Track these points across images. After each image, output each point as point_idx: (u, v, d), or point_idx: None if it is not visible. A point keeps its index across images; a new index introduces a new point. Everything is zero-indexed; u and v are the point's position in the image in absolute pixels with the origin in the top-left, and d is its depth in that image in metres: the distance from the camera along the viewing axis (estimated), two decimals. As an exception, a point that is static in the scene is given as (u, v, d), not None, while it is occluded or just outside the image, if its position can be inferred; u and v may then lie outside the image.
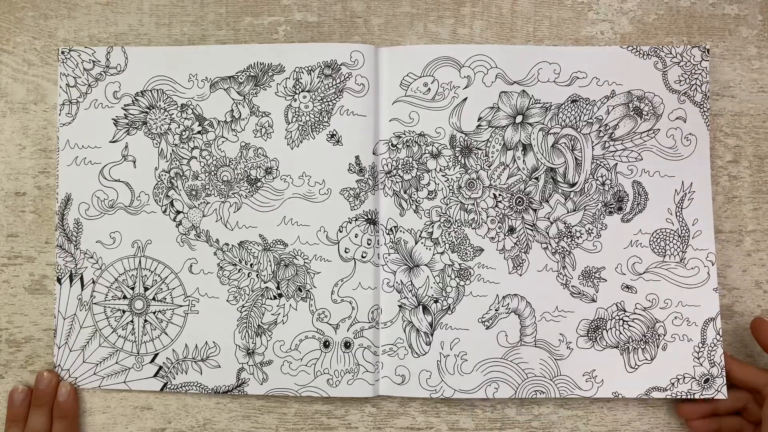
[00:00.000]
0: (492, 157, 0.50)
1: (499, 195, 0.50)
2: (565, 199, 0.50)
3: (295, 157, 0.50)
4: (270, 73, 0.50)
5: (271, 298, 0.50)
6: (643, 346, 0.50)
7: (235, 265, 0.50)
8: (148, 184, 0.50)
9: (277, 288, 0.50)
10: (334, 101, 0.50)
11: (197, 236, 0.50)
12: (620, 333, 0.50)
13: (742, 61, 0.52)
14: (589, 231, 0.50)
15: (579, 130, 0.50)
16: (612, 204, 0.50)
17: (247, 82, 0.50)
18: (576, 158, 0.50)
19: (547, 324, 0.50)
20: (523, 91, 0.50)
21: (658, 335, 0.50)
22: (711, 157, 0.51)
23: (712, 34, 0.52)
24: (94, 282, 0.50)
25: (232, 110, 0.50)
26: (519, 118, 0.50)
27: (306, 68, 0.50)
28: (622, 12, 0.52)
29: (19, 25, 0.52)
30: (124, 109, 0.51)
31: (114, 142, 0.51)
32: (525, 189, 0.50)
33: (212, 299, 0.50)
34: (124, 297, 0.50)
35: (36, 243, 0.51)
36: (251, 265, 0.50)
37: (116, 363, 0.50)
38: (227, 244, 0.50)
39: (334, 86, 0.50)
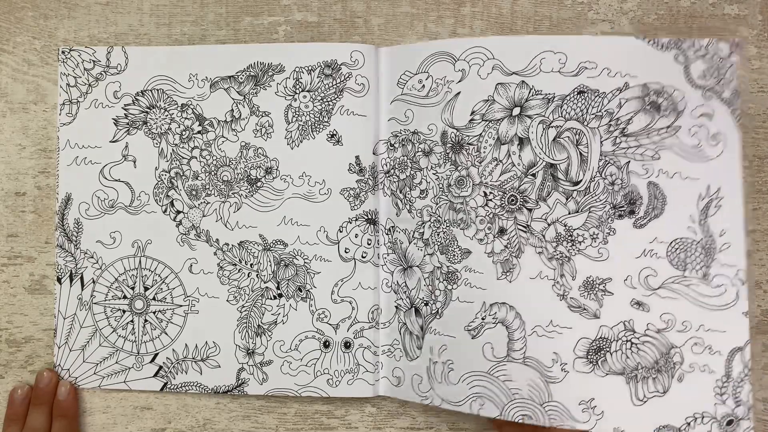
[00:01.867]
0: (484, 152, 0.46)
1: (490, 193, 0.46)
2: (567, 199, 0.45)
3: (295, 157, 0.50)
4: (270, 73, 0.50)
5: (271, 298, 0.50)
6: (654, 375, 0.44)
7: (235, 265, 0.50)
8: (148, 184, 0.50)
9: (277, 288, 0.50)
10: (334, 101, 0.50)
11: (197, 236, 0.50)
12: (627, 358, 0.44)
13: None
14: (594, 236, 0.45)
15: (586, 123, 0.45)
16: (623, 206, 0.45)
17: (247, 81, 0.50)
18: (581, 154, 0.45)
19: (539, 339, 0.44)
20: (523, 81, 0.46)
21: (674, 363, 0.44)
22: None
23: (712, 34, 0.52)
24: (94, 282, 0.50)
25: (232, 110, 0.50)
26: (516, 111, 0.46)
27: (306, 68, 0.50)
28: (622, 12, 0.52)
29: (19, 25, 0.52)
30: (125, 109, 0.51)
31: (114, 141, 0.51)
32: (519, 186, 0.46)
33: (212, 299, 0.50)
34: (124, 297, 0.50)
35: (36, 243, 0.51)
36: (251, 265, 0.50)
37: (116, 363, 0.50)
38: (227, 244, 0.50)
39: (334, 86, 0.50)
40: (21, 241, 0.51)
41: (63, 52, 0.51)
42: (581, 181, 0.45)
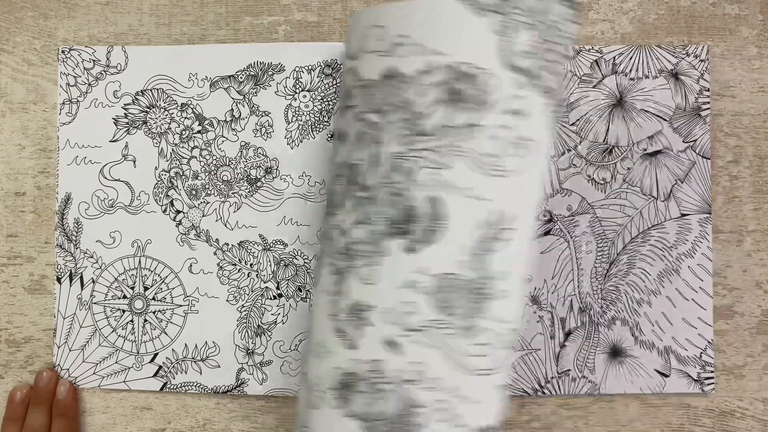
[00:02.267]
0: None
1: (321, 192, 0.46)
2: (354, 206, 0.37)
3: (295, 157, 0.50)
4: (270, 73, 0.50)
5: (270, 298, 0.50)
6: None
7: (235, 265, 0.50)
8: (148, 184, 0.50)
9: (277, 288, 0.50)
10: (334, 101, 0.50)
11: (197, 236, 0.50)
12: (370, 404, 0.34)
13: (742, 61, 0.52)
14: (368, 254, 0.35)
15: (385, 116, 0.36)
16: (399, 223, 0.35)
17: (247, 81, 0.50)
18: (376, 154, 0.36)
19: (311, 359, 0.39)
20: (350, 69, 0.39)
21: (411, 425, 0.33)
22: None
23: (712, 34, 0.52)
24: (94, 282, 0.50)
25: (232, 110, 0.50)
26: (347, 101, 0.39)
27: (306, 68, 0.50)
28: (622, 12, 0.52)
29: (18, 25, 0.52)
30: (125, 109, 0.51)
31: (114, 141, 0.51)
32: (333, 188, 0.40)
33: (212, 299, 0.50)
34: (124, 297, 0.50)
35: (36, 243, 0.51)
36: (251, 265, 0.50)
37: (116, 362, 0.50)
38: (227, 244, 0.50)
39: (335, 86, 0.50)
40: (21, 241, 0.51)
41: (63, 52, 0.51)
42: (370, 186, 0.36)
